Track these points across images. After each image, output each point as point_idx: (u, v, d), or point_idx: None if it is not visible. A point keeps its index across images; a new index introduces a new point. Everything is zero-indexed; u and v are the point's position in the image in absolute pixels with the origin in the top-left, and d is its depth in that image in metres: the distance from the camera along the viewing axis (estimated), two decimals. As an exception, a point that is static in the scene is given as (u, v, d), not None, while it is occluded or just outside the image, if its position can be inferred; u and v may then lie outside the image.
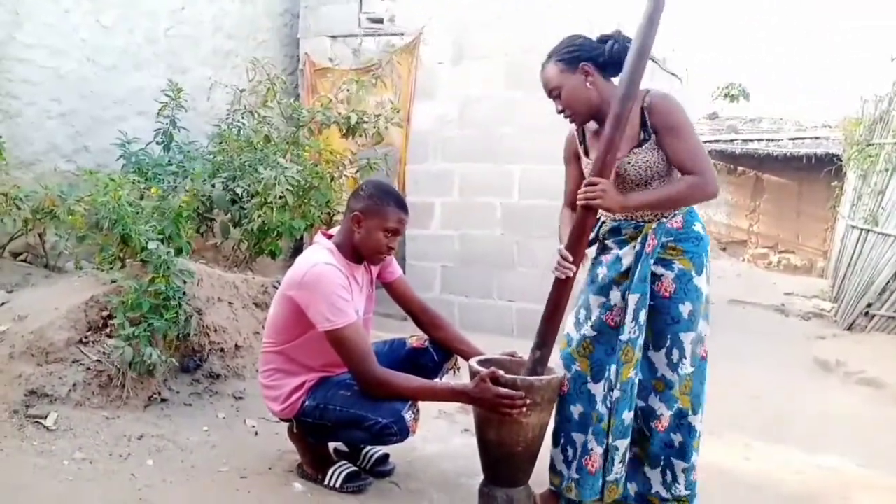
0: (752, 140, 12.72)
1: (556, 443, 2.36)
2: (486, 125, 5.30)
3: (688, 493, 2.27)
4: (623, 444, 2.19)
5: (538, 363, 2.28)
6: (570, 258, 2.18)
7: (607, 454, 2.21)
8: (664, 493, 2.27)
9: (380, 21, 5.63)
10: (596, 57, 2.21)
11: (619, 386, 2.17)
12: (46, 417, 2.66)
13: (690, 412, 2.23)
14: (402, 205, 2.45)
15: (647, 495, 2.30)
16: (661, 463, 2.26)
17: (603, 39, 2.25)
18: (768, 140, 12.56)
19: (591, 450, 2.22)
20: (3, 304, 3.13)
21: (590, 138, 2.35)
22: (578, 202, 2.14)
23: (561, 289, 2.23)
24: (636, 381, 2.18)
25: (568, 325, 2.37)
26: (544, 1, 5.09)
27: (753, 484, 2.91)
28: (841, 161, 9.55)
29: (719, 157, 13.01)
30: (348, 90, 4.76)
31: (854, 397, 4.41)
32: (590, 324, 2.28)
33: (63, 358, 2.88)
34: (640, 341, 2.17)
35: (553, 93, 2.26)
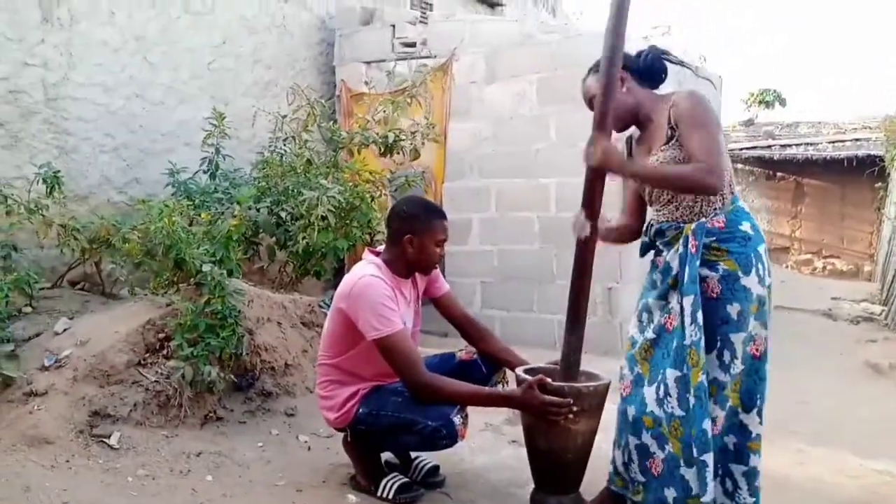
0: (790, 145, 12.54)
1: (616, 444, 2.37)
2: (521, 141, 5.37)
3: (753, 500, 2.22)
4: (709, 458, 2.11)
5: (572, 350, 2.30)
6: (583, 215, 2.26)
7: (667, 464, 2.18)
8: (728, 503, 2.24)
9: (412, 45, 5.76)
10: (631, 66, 2.30)
11: (692, 392, 2.13)
12: (110, 437, 2.78)
13: (741, 410, 2.20)
14: (443, 214, 2.61)
15: (687, 500, 2.23)
16: (720, 472, 2.21)
17: (637, 54, 2.35)
18: (807, 144, 12.37)
19: (654, 454, 2.20)
20: (65, 329, 3.28)
21: (635, 147, 2.42)
22: (584, 161, 2.26)
23: (583, 251, 2.29)
24: (707, 385, 2.14)
25: (632, 328, 2.39)
26: (572, 19, 5.16)
27: (809, 490, 2.88)
28: (883, 162, 9.37)
29: (757, 164, 12.85)
30: (384, 111, 4.87)
31: (909, 401, 4.31)
32: (652, 327, 2.29)
33: (123, 379, 3.01)
34: (703, 343, 2.14)
35: (593, 102, 2.33)
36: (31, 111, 4.24)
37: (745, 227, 2.21)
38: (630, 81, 2.30)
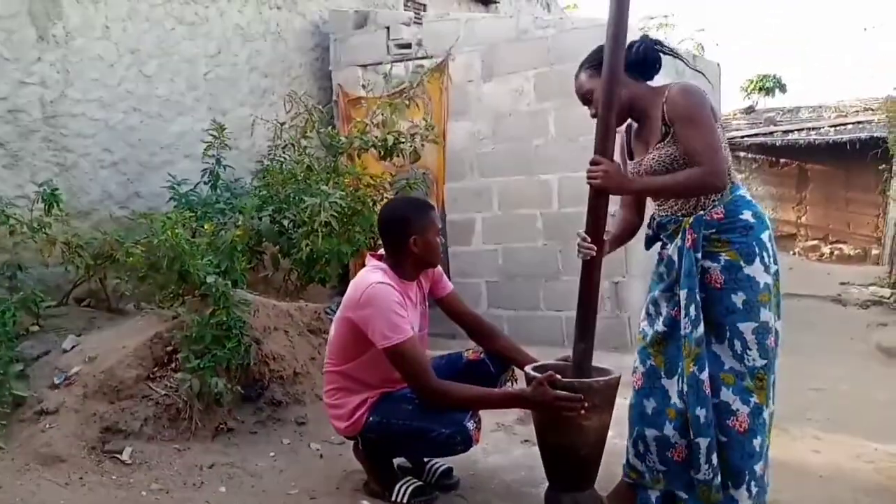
0: (791, 131, 12.48)
1: (629, 435, 2.35)
2: (520, 138, 5.35)
3: (757, 489, 2.19)
4: (705, 442, 2.13)
5: (584, 358, 2.29)
6: (589, 239, 2.23)
7: (691, 449, 2.17)
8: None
9: (408, 46, 5.74)
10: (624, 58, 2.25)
11: (686, 380, 2.16)
12: (122, 452, 2.78)
13: (765, 406, 2.18)
14: (431, 205, 2.68)
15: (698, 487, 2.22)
16: (746, 477, 2.17)
17: (629, 45, 2.29)
18: (809, 129, 12.31)
19: (676, 443, 2.21)
20: (73, 347, 3.28)
21: (634, 141, 2.40)
22: (587, 182, 2.22)
23: (589, 270, 2.28)
24: (700, 377, 2.14)
25: (641, 321, 2.39)
26: (567, 12, 5.14)
27: (825, 476, 2.85)
28: (887, 143, 9.32)
29: (759, 151, 12.79)
30: (382, 114, 4.86)
31: (923, 383, 4.28)
32: (661, 319, 2.29)
33: (133, 394, 3.01)
34: (696, 335, 2.15)
35: (586, 97, 2.33)
36: (30, 130, 4.24)
37: (746, 215, 2.19)
38: (622, 75, 2.24)
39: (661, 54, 2.35)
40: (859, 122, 11.86)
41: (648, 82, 2.33)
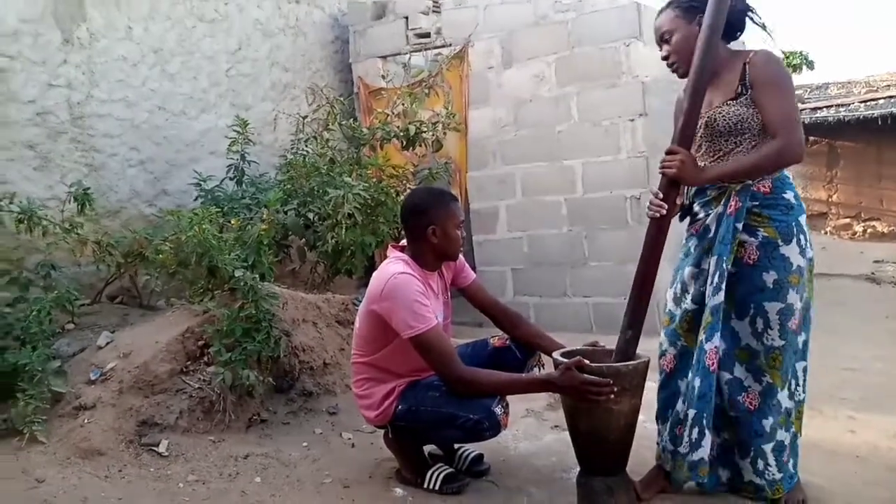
0: (820, 108, 12.21)
1: (663, 419, 2.35)
2: (543, 124, 5.32)
3: (781, 475, 2.20)
4: (692, 413, 2.14)
5: (629, 343, 2.27)
6: (662, 195, 2.18)
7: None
8: (758, 481, 2.21)
9: (427, 35, 5.73)
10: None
11: (696, 353, 2.16)
12: (159, 445, 2.83)
13: (779, 388, 2.17)
14: (454, 197, 2.64)
15: (741, 485, 2.25)
16: (752, 453, 2.19)
17: None
18: (838, 106, 12.04)
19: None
20: (107, 343, 3.34)
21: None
22: (658, 170, 2.18)
23: (655, 231, 2.20)
24: (706, 346, 2.13)
25: (669, 303, 2.36)
26: (587, -5, 5.08)
27: (862, 456, 2.81)
28: (920, 117, 9.08)
29: (787, 129, 12.53)
30: (403, 104, 4.86)
31: (961, 360, 4.18)
32: (689, 297, 2.27)
33: (167, 388, 3.06)
34: (713, 303, 2.13)
35: (664, 37, 2.28)
36: (58, 131, 4.33)
37: (789, 195, 2.17)
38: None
39: (751, 21, 2.28)
40: (891, 97, 11.57)
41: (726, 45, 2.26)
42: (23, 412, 2.79)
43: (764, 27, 2.31)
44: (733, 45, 2.30)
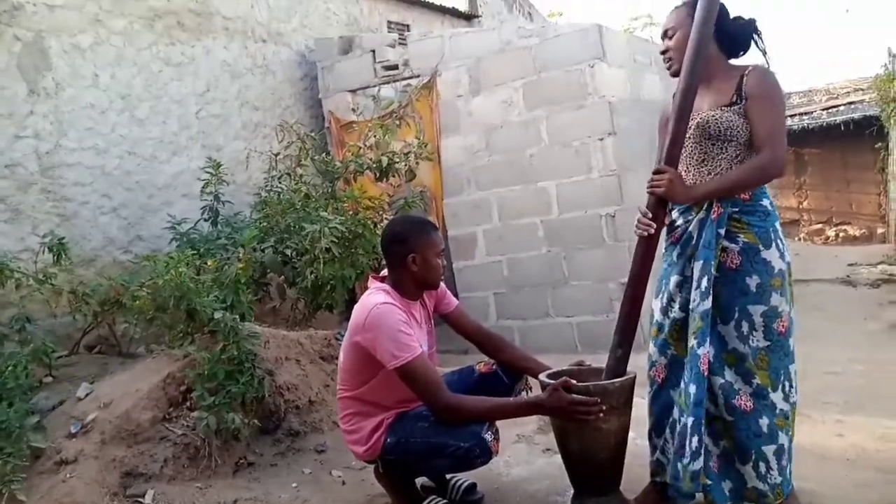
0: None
1: (659, 432, 2.34)
2: (514, 148, 5.36)
3: (780, 479, 2.21)
4: (690, 421, 2.13)
5: (620, 362, 2.28)
6: (650, 214, 2.22)
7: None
8: (761, 486, 2.20)
9: (395, 67, 5.79)
10: (720, 20, 2.24)
11: (689, 359, 2.17)
12: (144, 495, 2.76)
13: (770, 389, 2.19)
14: (434, 226, 2.65)
15: (744, 491, 2.23)
16: (753, 456, 2.19)
17: (735, 17, 2.31)
18: (801, 114, 12.33)
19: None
20: (87, 394, 3.27)
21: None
22: (647, 190, 2.22)
23: (644, 249, 2.25)
24: (698, 352, 2.15)
25: (656, 314, 2.38)
26: (552, 20, 5.17)
27: (852, 458, 2.82)
28: (880, 121, 9.32)
29: (753, 140, 12.78)
30: (375, 136, 4.89)
31: (940, 357, 4.24)
32: (676, 306, 2.29)
33: (151, 437, 3.00)
34: (701, 308, 2.15)
35: (668, 32, 2.34)
36: (27, 182, 4.28)
37: (766, 203, 2.24)
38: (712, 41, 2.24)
39: (755, 44, 2.33)
40: (851, 103, 11.89)
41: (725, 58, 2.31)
42: (1, 471, 2.71)
43: (764, 53, 2.38)
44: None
